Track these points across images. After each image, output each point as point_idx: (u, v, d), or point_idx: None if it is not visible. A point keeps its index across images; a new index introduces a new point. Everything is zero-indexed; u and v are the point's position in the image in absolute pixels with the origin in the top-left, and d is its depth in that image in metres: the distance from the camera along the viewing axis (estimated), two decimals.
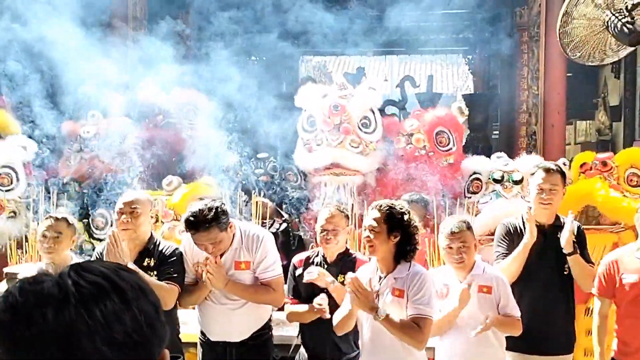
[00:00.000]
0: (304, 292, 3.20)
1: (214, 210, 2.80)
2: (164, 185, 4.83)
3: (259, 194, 4.63)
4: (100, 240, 4.71)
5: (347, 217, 3.23)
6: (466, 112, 11.46)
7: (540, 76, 6.73)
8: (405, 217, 2.69)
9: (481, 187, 4.88)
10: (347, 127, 4.92)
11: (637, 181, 4.25)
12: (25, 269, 3.83)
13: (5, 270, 4.15)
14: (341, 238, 3.16)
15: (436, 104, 9.12)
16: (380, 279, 2.71)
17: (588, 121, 8.94)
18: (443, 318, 2.85)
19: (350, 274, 2.67)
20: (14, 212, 4.68)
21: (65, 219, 3.30)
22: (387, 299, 2.65)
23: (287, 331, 3.81)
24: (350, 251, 3.31)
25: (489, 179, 4.82)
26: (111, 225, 4.62)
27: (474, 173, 4.94)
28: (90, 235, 4.89)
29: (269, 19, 8.31)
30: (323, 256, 3.22)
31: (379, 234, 2.67)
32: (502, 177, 4.76)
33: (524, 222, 3.14)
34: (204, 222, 2.79)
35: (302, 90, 5.10)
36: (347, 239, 3.34)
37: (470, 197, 4.87)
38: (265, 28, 8.41)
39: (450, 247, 2.92)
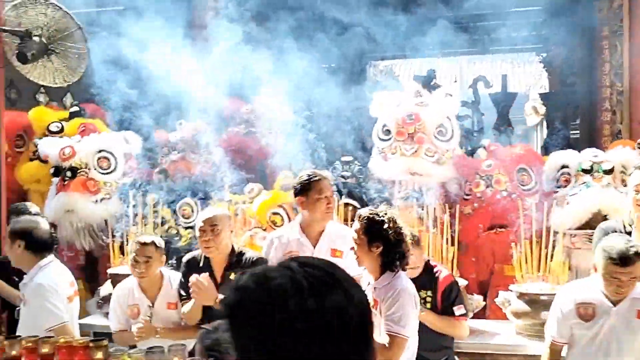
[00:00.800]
0: None
1: None
2: (245, 191, 4.98)
3: (346, 197, 4.76)
4: (185, 228, 4.96)
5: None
6: (541, 111, 11.10)
7: (624, 72, 6.41)
8: (386, 226, 2.60)
9: (570, 180, 4.70)
10: (422, 137, 4.85)
11: None
12: (125, 270, 4.16)
13: (109, 271, 4.47)
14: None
15: (511, 104, 8.90)
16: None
17: None
18: None
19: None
20: (108, 194, 5.07)
21: (153, 243, 3.47)
22: None
23: None
24: (431, 263, 3.27)
25: (578, 170, 4.66)
26: (196, 213, 4.91)
27: (563, 167, 4.77)
28: (176, 222, 5.16)
29: (336, 24, 8.35)
30: None
31: (361, 246, 2.65)
32: (592, 167, 4.58)
33: (624, 226, 2.98)
34: None
35: (376, 99, 5.08)
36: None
37: (558, 192, 4.73)
38: (331, 33, 8.45)
39: (617, 278, 2.55)
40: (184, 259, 3.50)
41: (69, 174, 5.08)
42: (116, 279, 4.10)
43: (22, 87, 6.81)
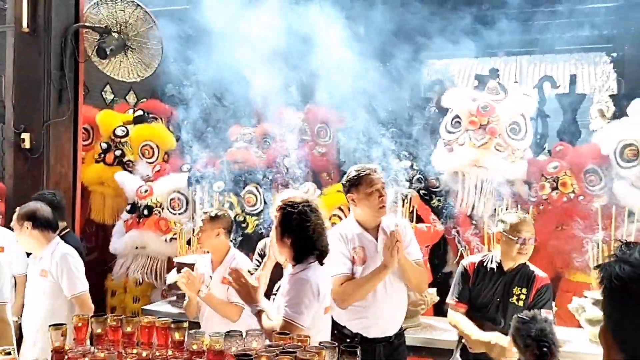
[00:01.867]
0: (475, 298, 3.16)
1: None
2: (301, 191, 5.03)
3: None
4: (251, 215, 5.18)
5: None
6: (608, 114, 10.69)
7: None
8: (296, 217, 2.62)
9: (638, 154, 4.44)
10: (494, 128, 4.72)
11: None
12: (191, 259, 4.57)
13: (176, 260, 4.72)
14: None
15: (579, 106, 8.61)
16: None
17: None
18: None
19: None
20: (176, 235, 5.29)
21: (207, 214, 3.88)
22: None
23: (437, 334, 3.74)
24: (527, 264, 3.22)
25: None
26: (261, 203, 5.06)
27: (623, 140, 4.51)
28: (243, 210, 5.39)
29: (391, 22, 8.28)
30: (498, 262, 3.16)
31: (276, 236, 2.67)
32: None
33: None
34: None
35: (450, 92, 5.01)
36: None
37: (624, 167, 4.47)
38: (384, 31, 8.38)
39: None
40: (260, 244, 3.82)
41: (145, 212, 5.42)
42: (181, 267, 4.28)
43: (90, 83, 7.03)
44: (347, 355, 2.17)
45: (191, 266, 3.85)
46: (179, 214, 5.50)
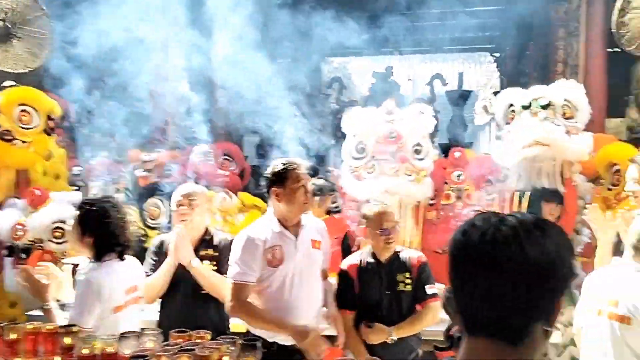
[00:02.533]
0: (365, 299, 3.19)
1: None
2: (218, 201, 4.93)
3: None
4: (152, 228, 4.88)
5: None
6: (491, 110, 11.42)
7: (579, 72, 6.69)
8: (96, 216, 2.67)
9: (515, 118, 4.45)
10: (404, 157, 4.73)
11: None
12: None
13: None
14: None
15: (466, 101, 9.13)
16: None
17: (619, 119, 8.85)
18: None
19: None
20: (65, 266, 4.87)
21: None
22: None
23: None
24: (399, 249, 3.28)
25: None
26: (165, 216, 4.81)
27: (510, 105, 4.50)
28: (144, 223, 5.05)
29: (291, 20, 8.33)
30: (373, 256, 3.22)
31: (76, 235, 2.71)
32: (530, 103, 4.32)
33: None
34: None
35: (348, 114, 4.97)
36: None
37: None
38: (286, 30, 8.43)
39: None
40: (155, 241, 3.44)
41: (23, 255, 4.63)
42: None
43: None
44: (247, 349, 2.18)
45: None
46: (64, 242, 4.59)
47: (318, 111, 8.93)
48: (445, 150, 9.06)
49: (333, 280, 3.28)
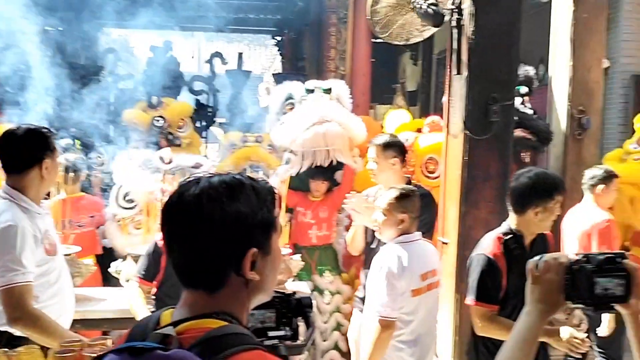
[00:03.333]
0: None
1: None
2: None
3: None
4: None
5: None
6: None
7: (347, 58, 6.97)
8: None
9: (294, 108, 4.49)
10: None
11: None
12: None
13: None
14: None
15: (246, 82, 9.06)
16: None
17: (387, 105, 9.54)
18: None
19: None
20: None
21: None
22: None
23: None
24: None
25: (302, 96, 4.46)
26: None
27: (288, 98, 4.53)
28: None
29: None
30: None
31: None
32: (313, 89, 4.44)
33: None
34: None
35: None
36: None
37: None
38: None
39: None
40: None
41: None
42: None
43: None
44: None
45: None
46: None
47: (91, 82, 8.21)
48: (226, 130, 8.97)
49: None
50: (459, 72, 3.62)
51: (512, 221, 2.54)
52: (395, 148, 3.30)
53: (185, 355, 0.96)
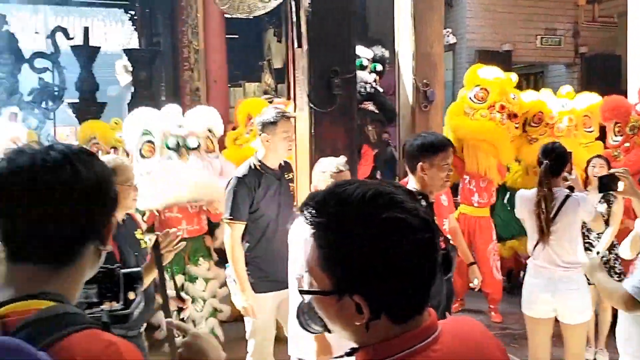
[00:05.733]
0: None
1: None
2: None
3: None
4: None
5: None
6: (130, 69, 11.00)
7: (199, 32, 6.72)
8: None
9: (154, 152, 4.00)
10: None
11: None
12: None
13: None
14: None
15: (94, 58, 8.46)
16: None
17: (256, 83, 9.39)
18: None
19: None
20: None
21: None
22: None
23: None
24: None
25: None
26: None
27: (144, 133, 4.01)
28: None
29: None
30: None
31: None
32: (177, 144, 4.01)
33: None
34: None
35: None
36: None
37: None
38: None
39: None
40: None
41: None
42: None
43: None
44: None
45: None
46: None
47: None
48: (78, 109, 8.32)
49: None
50: (300, 45, 3.58)
51: (412, 183, 2.64)
52: None
53: (9, 343, 0.86)
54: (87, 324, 0.96)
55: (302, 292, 1.02)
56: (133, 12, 9.89)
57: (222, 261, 3.85)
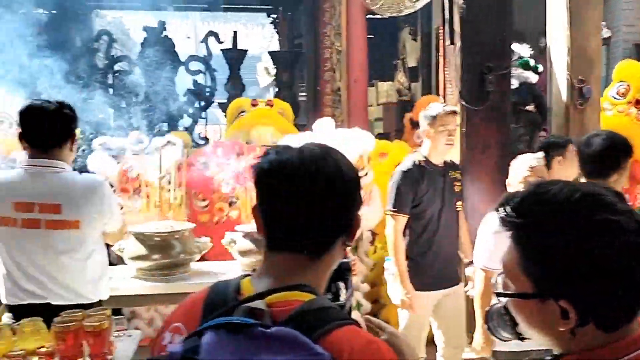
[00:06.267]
0: None
1: None
2: None
3: None
4: None
5: None
6: (272, 72, 11.50)
7: (342, 33, 6.86)
8: None
9: None
10: None
11: None
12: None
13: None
14: None
15: (241, 61, 8.96)
16: None
17: (389, 82, 9.44)
18: None
19: None
20: None
21: None
22: None
23: None
24: None
25: None
26: None
27: None
28: None
29: None
30: None
31: None
32: None
33: None
34: None
35: None
36: None
37: None
38: None
39: None
40: None
41: None
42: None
43: None
44: None
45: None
46: None
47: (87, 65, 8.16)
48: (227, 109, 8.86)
49: None
50: (452, 43, 3.55)
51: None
52: None
53: (288, 334, 0.89)
54: (346, 319, 0.97)
55: (499, 294, 1.00)
56: (275, 16, 10.35)
57: None
